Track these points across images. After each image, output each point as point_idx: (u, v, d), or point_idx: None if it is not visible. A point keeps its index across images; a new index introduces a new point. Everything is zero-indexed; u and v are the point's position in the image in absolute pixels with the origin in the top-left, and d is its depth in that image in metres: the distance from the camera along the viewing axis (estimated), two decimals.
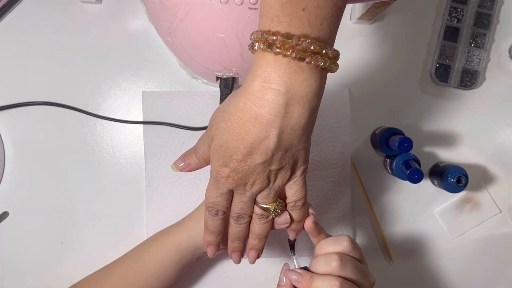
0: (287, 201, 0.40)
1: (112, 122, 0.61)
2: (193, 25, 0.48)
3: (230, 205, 0.40)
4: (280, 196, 0.40)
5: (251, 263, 0.43)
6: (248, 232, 0.42)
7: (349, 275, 0.39)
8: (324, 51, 0.32)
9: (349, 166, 0.62)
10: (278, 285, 0.42)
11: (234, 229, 0.42)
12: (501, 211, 0.64)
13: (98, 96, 0.61)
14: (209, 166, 0.50)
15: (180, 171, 0.42)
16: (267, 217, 0.40)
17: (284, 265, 0.43)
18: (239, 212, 0.40)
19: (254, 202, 0.40)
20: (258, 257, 0.43)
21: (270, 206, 0.39)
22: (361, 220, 0.63)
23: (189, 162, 0.41)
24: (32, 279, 0.59)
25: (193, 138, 0.59)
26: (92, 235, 0.60)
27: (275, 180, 0.37)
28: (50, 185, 0.60)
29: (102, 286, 0.51)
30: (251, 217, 0.41)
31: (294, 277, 0.40)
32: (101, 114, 0.61)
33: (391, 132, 0.59)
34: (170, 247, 0.51)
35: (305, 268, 0.42)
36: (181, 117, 0.61)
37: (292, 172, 0.37)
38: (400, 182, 0.63)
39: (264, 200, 0.39)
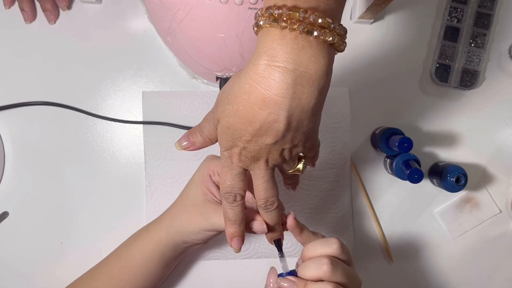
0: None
1: (112, 122, 0.61)
2: (193, 25, 0.48)
3: (246, 189, 0.39)
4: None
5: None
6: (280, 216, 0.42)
7: (340, 279, 0.38)
8: (332, 27, 0.31)
9: (349, 166, 0.62)
10: None
11: (268, 217, 0.40)
12: (501, 211, 0.64)
13: (98, 96, 0.61)
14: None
15: (184, 149, 0.41)
16: (297, 179, 0.44)
17: (270, 269, 0.41)
18: (266, 196, 0.38)
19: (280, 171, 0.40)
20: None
21: (298, 168, 0.40)
22: (361, 220, 0.63)
23: (193, 141, 0.40)
24: (32, 279, 0.59)
25: None
26: (92, 235, 0.60)
27: (290, 155, 0.36)
28: (50, 185, 0.60)
29: None
30: (278, 199, 0.40)
31: (285, 285, 0.39)
32: (101, 114, 0.61)
33: (391, 132, 0.59)
34: (150, 245, 0.50)
35: (293, 272, 0.41)
36: (181, 117, 0.61)
37: (305, 148, 0.37)
38: (400, 182, 0.62)
39: (290, 170, 0.39)
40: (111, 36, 0.61)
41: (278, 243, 0.43)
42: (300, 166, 0.40)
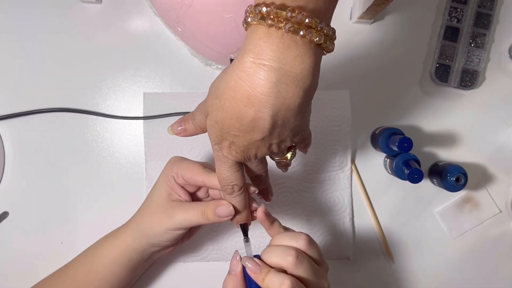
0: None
1: (112, 122, 0.61)
2: (200, 10, 0.48)
3: (244, 177, 0.40)
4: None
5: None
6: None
7: (302, 274, 0.38)
8: (319, 27, 0.31)
9: (349, 169, 0.62)
10: (229, 273, 0.41)
11: (259, 182, 0.44)
12: (501, 211, 0.64)
13: (98, 96, 0.61)
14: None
15: (176, 134, 0.42)
16: (286, 164, 0.44)
17: (235, 252, 0.42)
18: (259, 173, 0.42)
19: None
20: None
21: (286, 157, 0.41)
22: (361, 220, 0.63)
23: (185, 127, 0.41)
24: (32, 279, 0.59)
25: (194, 139, 0.59)
26: (92, 235, 0.59)
27: (279, 148, 0.37)
28: (50, 185, 0.60)
29: None
30: (267, 171, 0.43)
31: (250, 265, 0.39)
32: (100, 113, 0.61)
33: (391, 132, 0.59)
34: (117, 250, 0.50)
35: (258, 257, 0.41)
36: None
37: (293, 142, 0.38)
38: (400, 182, 0.63)
39: (277, 158, 0.41)
40: (111, 36, 0.61)
41: (244, 228, 0.44)
42: (288, 155, 0.41)
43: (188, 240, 0.54)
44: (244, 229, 0.44)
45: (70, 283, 0.50)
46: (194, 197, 0.50)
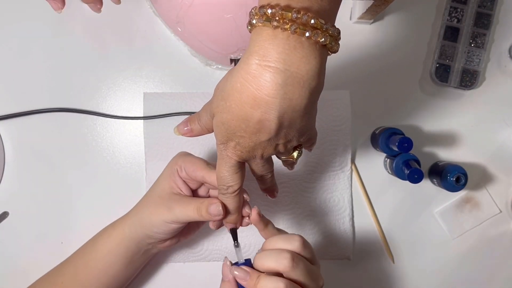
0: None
1: (112, 122, 0.61)
2: (200, 10, 0.48)
3: (242, 180, 0.40)
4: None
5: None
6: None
7: (299, 277, 0.38)
8: (324, 28, 0.31)
9: (349, 169, 0.62)
10: (222, 280, 0.41)
11: (264, 181, 0.44)
12: (501, 211, 0.64)
13: (98, 96, 0.61)
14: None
15: (182, 135, 0.42)
16: (292, 162, 0.43)
17: (224, 259, 0.42)
18: (262, 173, 0.42)
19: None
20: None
21: (292, 156, 0.41)
22: (361, 220, 0.63)
23: (191, 128, 0.41)
24: (32, 279, 0.59)
25: (194, 139, 0.59)
26: (92, 235, 0.60)
27: (285, 148, 0.37)
28: (50, 185, 0.60)
29: (55, 285, 0.51)
30: (273, 171, 0.43)
31: (238, 274, 0.39)
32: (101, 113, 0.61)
33: (391, 132, 0.59)
34: (115, 240, 0.50)
35: (248, 261, 0.40)
36: (182, 118, 0.60)
37: (300, 141, 0.38)
38: (400, 182, 0.62)
39: (284, 157, 0.41)
40: (111, 36, 0.61)
41: (234, 232, 0.44)
42: (294, 154, 0.41)
43: (186, 239, 0.54)
44: (234, 234, 0.44)
45: (70, 275, 0.51)
46: (195, 195, 0.50)
